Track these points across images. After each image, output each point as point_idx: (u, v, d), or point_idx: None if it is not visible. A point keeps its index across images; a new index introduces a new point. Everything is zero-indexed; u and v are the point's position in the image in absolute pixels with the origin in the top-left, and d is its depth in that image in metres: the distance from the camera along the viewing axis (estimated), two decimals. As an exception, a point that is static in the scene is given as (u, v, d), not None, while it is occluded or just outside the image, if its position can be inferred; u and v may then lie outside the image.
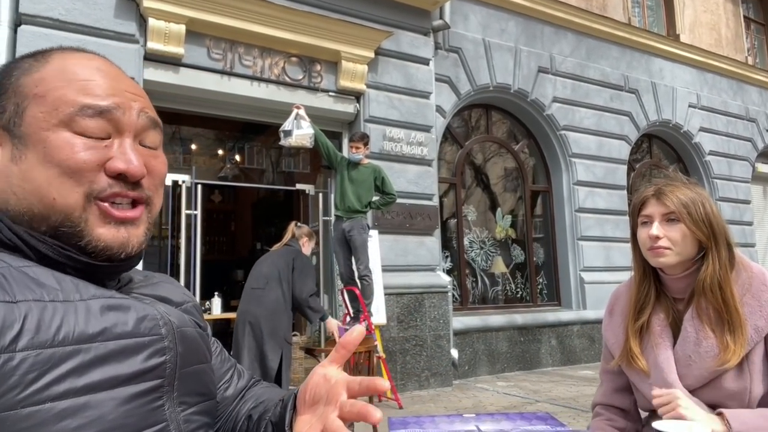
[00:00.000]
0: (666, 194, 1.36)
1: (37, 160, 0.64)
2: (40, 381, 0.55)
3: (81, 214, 0.65)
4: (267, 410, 0.81)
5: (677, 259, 1.33)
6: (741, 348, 1.25)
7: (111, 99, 0.68)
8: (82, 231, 0.65)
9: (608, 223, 7.88)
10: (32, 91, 0.65)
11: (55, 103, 0.65)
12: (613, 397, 1.48)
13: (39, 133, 0.64)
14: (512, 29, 7.43)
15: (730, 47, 10.11)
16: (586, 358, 7.24)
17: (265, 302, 3.99)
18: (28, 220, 0.64)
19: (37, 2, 4.41)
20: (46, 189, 0.64)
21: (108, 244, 0.66)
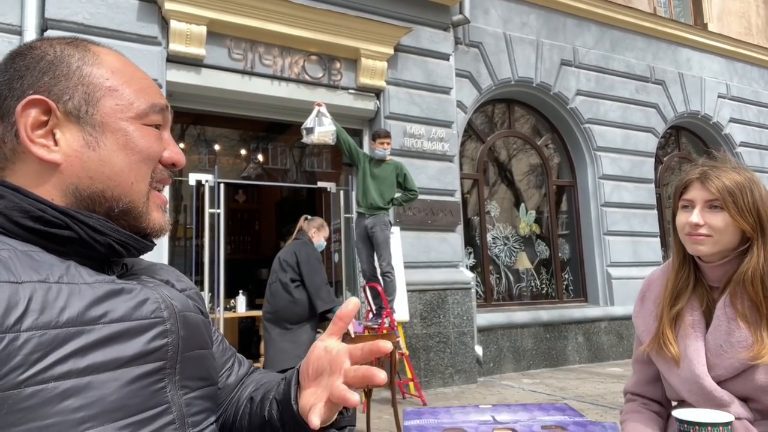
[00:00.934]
0: (711, 179, 1.26)
1: (117, 146, 0.69)
2: (44, 361, 0.56)
3: (146, 199, 0.72)
4: (269, 390, 0.83)
5: (716, 249, 1.26)
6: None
7: (163, 98, 0.77)
8: (143, 215, 0.72)
9: (635, 218, 7.72)
10: (104, 84, 0.70)
11: (129, 97, 0.71)
12: (646, 387, 1.44)
13: (119, 123, 0.70)
14: (533, 22, 7.33)
15: (761, 35, 9.80)
16: (614, 355, 7.11)
17: (273, 298, 4.10)
18: (93, 203, 0.68)
19: (62, 7, 4.52)
20: (126, 174, 0.70)
21: (161, 227, 0.75)
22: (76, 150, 0.68)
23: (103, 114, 0.69)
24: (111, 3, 4.70)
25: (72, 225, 0.65)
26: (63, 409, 0.56)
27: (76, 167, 0.67)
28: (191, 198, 6.04)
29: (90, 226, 0.66)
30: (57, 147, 0.67)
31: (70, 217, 0.65)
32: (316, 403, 0.70)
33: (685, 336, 1.30)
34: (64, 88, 0.68)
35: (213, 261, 5.43)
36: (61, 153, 0.67)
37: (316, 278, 4.06)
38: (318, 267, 4.11)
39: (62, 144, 0.67)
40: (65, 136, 0.68)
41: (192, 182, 5.50)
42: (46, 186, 0.67)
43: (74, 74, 0.69)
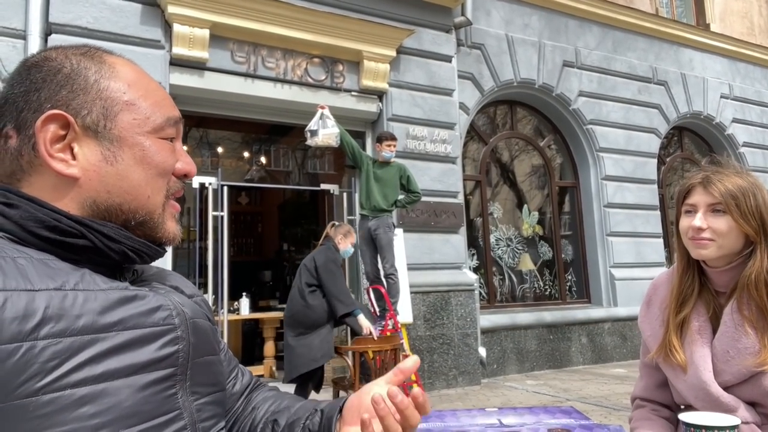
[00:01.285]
0: (714, 183, 1.26)
1: (134, 161, 0.70)
2: (60, 369, 0.57)
3: (162, 210, 0.74)
4: (299, 418, 0.84)
5: (719, 253, 1.25)
6: None
7: (177, 110, 0.78)
8: (159, 225, 0.74)
9: (638, 218, 7.71)
10: (121, 98, 0.71)
11: (146, 112, 0.72)
12: (654, 392, 1.42)
13: (135, 137, 0.71)
14: (535, 24, 7.33)
15: (763, 36, 9.78)
16: (618, 356, 7.09)
17: (290, 301, 4.24)
18: (109, 215, 0.70)
19: (66, 11, 4.53)
20: (144, 187, 0.71)
21: (175, 235, 0.76)
22: (94, 164, 0.68)
23: (120, 128, 0.70)
24: (114, 7, 4.72)
25: (87, 234, 0.66)
26: (79, 415, 0.57)
27: (94, 181, 0.68)
28: (194, 201, 6.06)
29: (105, 234, 0.67)
30: (75, 161, 0.68)
31: (84, 226, 0.66)
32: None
33: (692, 342, 1.30)
34: (83, 103, 0.68)
35: (217, 263, 5.44)
36: (80, 167, 0.68)
37: (335, 283, 4.12)
38: (336, 272, 4.17)
39: (80, 158, 0.68)
40: (83, 150, 0.68)
41: (195, 185, 5.51)
42: (63, 200, 0.67)
43: (92, 88, 0.69)
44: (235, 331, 6.73)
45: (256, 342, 7.46)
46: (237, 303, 6.53)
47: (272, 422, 0.86)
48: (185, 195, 6.95)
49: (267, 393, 0.94)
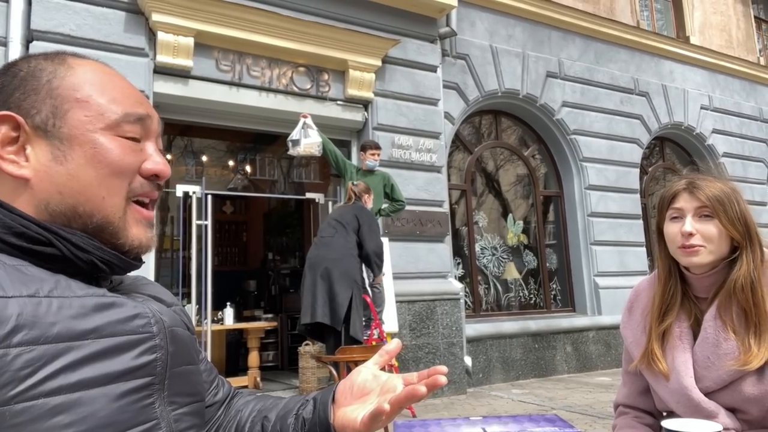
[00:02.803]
0: (700, 188, 1.27)
1: (85, 160, 0.67)
2: (34, 377, 0.55)
3: (122, 214, 0.69)
4: (290, 409, 0.84)
5: (710, 258, 1.25)
6: (765, 351, 1.19)
7: (143, 108, 0.74)
8: (120, 231, 0.69)
9: (622, 227, 7.79)
10: (73, 95, 0.68)
11: (99, 108, 0.69)
12: (637, 398, 1.43)
13: (86, 135, 0.67)
14: (519, 35, 7.41)
15: (741, 48, 10.00)
16: (603, 365, 7.13)
17: (335, 247, 4.17)
18: (68, 219, 0.67)
19: (49, 18, 4.49)
20: (96, 188, 0.67)
21: (141, 242, 0.72)
22: (44, 165, 0.66)
23: (70, 127, 0.67)
24: (98, 14, 4.69)
25: (55, 242, 0.64)
26: (53, 425, 0.56)
27: (45, 182, 0.66)
28: (178, 209, 5.99)
29: (73, 243, 0.65)
30: (27, 162, 0.66)
31: (53, 233, 0.64)
32: (362, 413, 0.73)
33: (673, 348, 1.30)
34: (33, 103, 0.67)
35: (200, 273, 5.38)
36: (31, 168, 0.66)
37: (375, 242, 4.27)
38: (377, 232, 4.37)
39: (32, 159, 0.66)
40: (35, 151, 0.67)
41: (179, 194, 5.46)
42: (19, 202, 0.66)
43: (43, 88, 0.68)
44: (219, 341, 6.65)
45: (241, 352, 7.38)
46: (221, 313, 6.46)
47: (262, 419, 0.85)
48: (168, 204, 6.89)
49: (248, 397, 0.93)
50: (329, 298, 4.04)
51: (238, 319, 7.01)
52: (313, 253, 4.24)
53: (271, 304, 9.02)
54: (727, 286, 1.25)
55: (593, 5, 8.16)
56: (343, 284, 4.05)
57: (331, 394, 0.80)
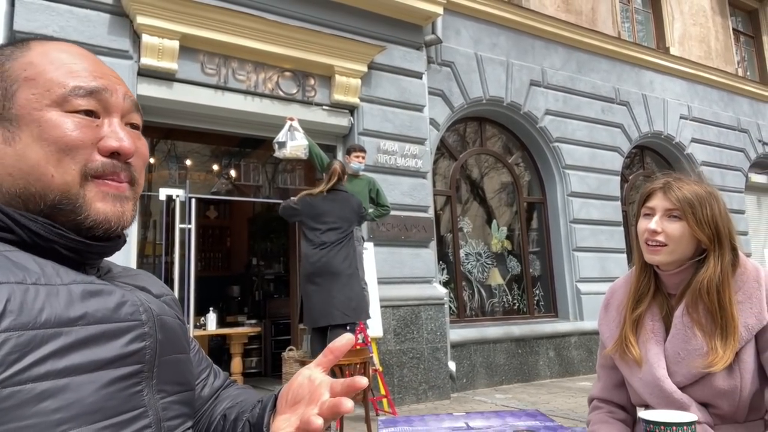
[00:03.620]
0: (673, 189, 1.31)
1: (32, 139, 0.65)
2: (22, 362, 0.55)
3: (78, 190, 0.66)
4: (244, 410, 0.82)
5: (670, 258, 1.30)
6: (730, 353, 1.22)
7: (99, 81, 0.70)
8: (81, 206, 0.66)
9: (603, 234, 7.89)
10: (21, 75, 0.67)
11: (46, 84, 0.67)
12: (611, 392, 1.46)
13: (32, 113, 0.66)
14: (503, 43, 7.51)
15: (719, 59, 10.23)
16: (584, 369, 7.20)
17: (340, 258, 4.41)
18: (24, 201, 0.65)
19: (32, 20, 4.45)
20: (44, 166, 0.65)
21: (107, 217, 0.68)
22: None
23: (18, 107, 0.66)
24: (81, 16, 4.66)
25: (14, 228, 0.63)
26: (40, 410, 0.56)
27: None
28: (161, 213, 5.94)
29: (32, 230, 0.64)
30: None
31: (12, 219, 0.63)
32: (287, 430, 0.68)
33: (646, 341, 1.34)
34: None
35: (183, 278, 5.33)
36: None
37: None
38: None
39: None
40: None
41: (162, 197, 5.42)
42: None
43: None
44: (202, 346, 6.57)
45: (223, 359, 7.32)
46: (203, 318, 6.41)
47: (222, 416, 0.85)
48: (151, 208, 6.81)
49: (232, 391, 0.93)
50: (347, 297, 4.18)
51: (221, 325, 6.96)
52: (318, 256, 4.22)
53: (255, 310, 8.96)
54: (693, 287, 1.29)
55: (576, 16, 8.30)
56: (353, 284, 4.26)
57: (271, 400, 0.78)
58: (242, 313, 8.57)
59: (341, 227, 4.27)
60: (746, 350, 1.24)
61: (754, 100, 10.60)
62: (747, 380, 1.23)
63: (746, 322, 1.24)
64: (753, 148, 10.31)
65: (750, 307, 1.25)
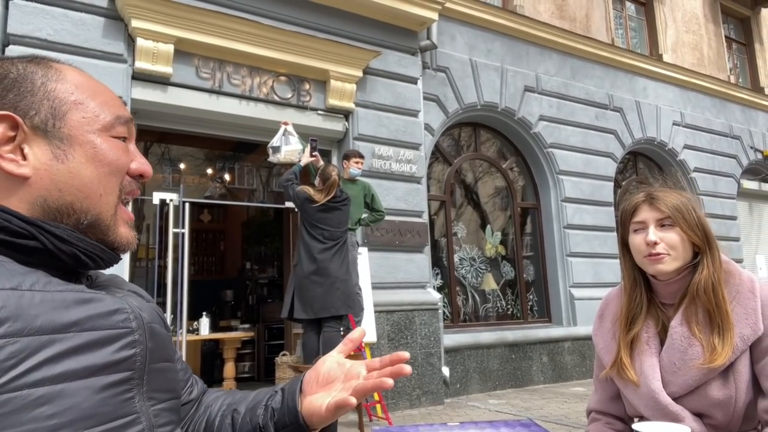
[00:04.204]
0: (659, 199, 1.33)
1: (86, 158, 0.70)
2: (18, 368, 0.56)
3: (114, 212, 0.73)
4: (260, 401, 0.86)
5: (675, 265, 1.31)
6: (729, 349, 1.23)
7: (127, 111, 0.78)
8: (110, 229, 0.72)
9: (596, 239, 7.92)
10: (69, 98, 0.72)
11: (95, 110, 0.73)
12: (609, 404, 1.46)
13: (86, 135, 0.71)
14: (498, 49, 7.54)
15: (712, 66, 10.32)
16: (578, 375, 7.21)
17: (336, 266, 4.53)
18: (61, 216, 0.69)
19: (26, 23, 4.43)
20: (96, 185, 0.71)
21: (129, 241, 0.75)
22: (44, 163, 0.68)
23: (70, 127, 0.70)
24: (76, 20, 4.64)
25: (38, 235, 0.65)
26: (36, 416, 0.57)
27: (45, 180, 0.68)
28: (154, 217, 5.93)
29: (56, 235, 0.67)
30: (25, 161, 0.68)
31: (35, 226, 0.66)
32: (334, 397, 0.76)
33: (641, 353, 1.34)
34: (30, 104, 0.69)
35: (176, 282, 5.31)
36: (30, 167, 0.68)
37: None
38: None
39: (31, 158, 0.68)
40: (33, 150, 0.68)
41: (156, 201, 5.40)
42: (12, 199, 0.67)
43: (39, 90, 0.70)
44: (194, 351, 6.56)
45: (216, 363, 7.29)
46: (196, 323, 6.38)
47: (232, 412, 0.87)
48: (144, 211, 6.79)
49: (218, 393, 0.95)
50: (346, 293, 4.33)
51: (214, 329, 6.93)
52: (317, 257, 4.33)
53: (249, 314, 8.93)
54: (691, 290, 1.30)
55: (570, 22, 8.35)
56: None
57: (298, 383, 0.82)
58: (236, 317, 8.54)
59: (335, 234, 4.36)
60: (741, 360, 1.25)
61: (746, 107, 10.69)
62: (742, 390, 1.24)
63: (741, 332, 1.25)
64: (745, 154, 10.39)
65: (745, 317, 1.26)
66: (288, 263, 6.47)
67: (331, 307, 4.24)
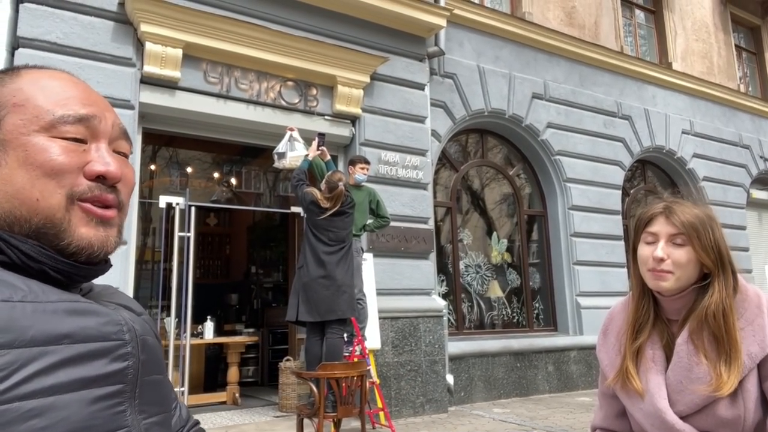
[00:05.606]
0: (676, 213, 1.29)
1: (18, 163, 0.66)
2: (9, 380, 0.56)
3: (63, 214, 0.67)
4: None
5: (677, 285, 1.27)
6: (735, 378, 1.20)
7: (88, 108, 0.71)
8: (65, 231, 0.67)
9: (603, 248, 7.87)
10: (10, 101, 0.68)
11: (34, 111, 0.68)
12: (614, 421, 1.43)
13: (19, 138, 0.67)
14: (506, 56, 7.52)
15: (722, 75, 10.25)
16: (584, 384, 7.14)
17: (341, 272, 4.57)
18: (9, 224, 0.66)
19: (35, 26, 4.46)
20: (29, 190, 0.66)
21: (90, 242, 0.68)
22: None
23: (5, 132, 0.67)
24: (85, 23, 4.67)
25: (5, 249, 0.64)
26: (27, 429, 0.56)
27: None
28: (160, 221, 5.93)
29: (23, 251, 0.65)
30: None
31: (3, 240, 0.64)
32: None
33: (647, 371, 1.31)
34: None
35: (181, 285, 5.31)
36: None
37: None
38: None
39: None
40: None
41: (162, 205, 5.41)
42: None
43: None
44: (198, 355, 6.55)
45: (220, 367, 7.27)
46: (201, 327, 6.37)
47: None
48: (151, 215, 6.81)
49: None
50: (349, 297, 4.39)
51: (219, 333, 6.92)
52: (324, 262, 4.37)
53: (253, 319, 8.92)
54: (699, 312, 1.26)
55: (579, 30, 8.32)
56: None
57: None
58: (240, 321, 8.53)
59: (340, 236, 4.40)
60: (749, 379, 1.22)
61: (755, 116, 10.61)
62: (750, 409, 1.21)
63: (749, 350, 1.22)
64: (754, 164, 10.30)
65: (753, 335, 1.23)
66: (293, 268, 6.46)
67: (338, 309, 4.25)
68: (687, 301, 1.30)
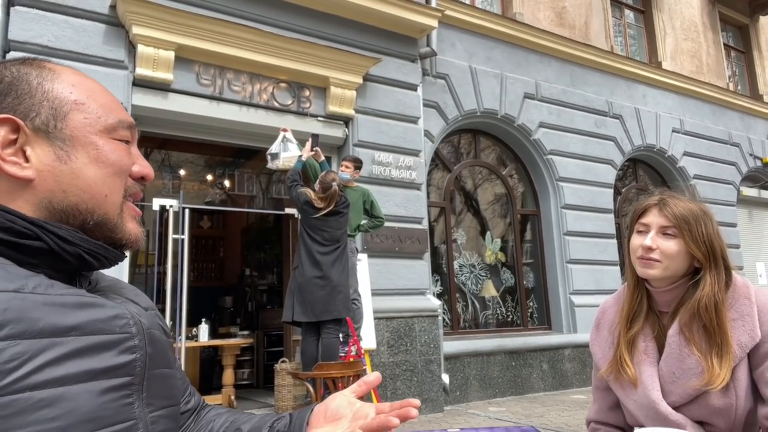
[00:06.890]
0: (669, 206, 1.31)
1: (89, 159, 0.70)
2: (20, 370, 0.57)
3: (120, 211, 0.73)
4: (265, 422, 0.85)
5: (664, 274, 1.29)
6: (727, 371, 1.22)
7: (128, 115, 0.78)
8: (117, 227, 0.73)
9: (596, 247, 7.91)
10: (69, 98, 0.71)
11: (96, 112, 0.73)
12: (608, 414, 1.45)
13: (88, 136, 0.71)
14: (498, 57, 7.56)
15: (711, 74, 10.35)
16: (578, 382, 7.18)
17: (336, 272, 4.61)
18: (67, 216, 0.69)
19: (27, 29, 4.44)
20: (100, 186, 0.71)
21: (137, 237, 0.76)
22: (47, 165, 0.68)
23: (72, 128, 0.70)
24: (77, 26, 4.66)
25: (42, 235, 0.65)
26: (38, 418, 0.57)
27: (48, 182, 0.68)
28: (154, 223, 5.92)
29: (59, 236, 0.67)
30: (28, 163, 0.68)
31: (39, 227, 0.66)
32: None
33: (640, 362, 1.32)
34: (30, 106, 0.69)
35: (176, 288, 5.30)
36: (34, 169, 0.68)
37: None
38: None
39: (33, 160, 0.68)
40: (36, 152, 0.68)
41: (156, 207, 5.39)
42: (17, 201, 0.67)
43: (36, 91, 0.70)
44: (193, 358, 6.53)
45: (215, 370, 7.25)
46: (195, 329, 6.35)
47: (234, 430, 0.86)
48: (144, 218, 6.78)
49: (220, 410, 0.94)
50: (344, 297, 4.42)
51: (213, 336, 6.90)
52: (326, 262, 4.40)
53: (248, 321, 8.90)
54: (691, 305, 1.28)
55: (569, 30, 8.38)
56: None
57: (307, 413, 0.82)
58: (235, 324, 8.51)
59: (335, 236, 4.41)
60: (740, 368, 1.24)
61: (745, 114, 10.71)
62: (742, 398, 1.23)
63: (739, 339, 1.24)
64: (744, 161, 10.40)
65: (743, 325, 1.25)
66: (287, 270, 6.46)
67: (333, 309, 4.26)
68: (678, 293, 1.32)
